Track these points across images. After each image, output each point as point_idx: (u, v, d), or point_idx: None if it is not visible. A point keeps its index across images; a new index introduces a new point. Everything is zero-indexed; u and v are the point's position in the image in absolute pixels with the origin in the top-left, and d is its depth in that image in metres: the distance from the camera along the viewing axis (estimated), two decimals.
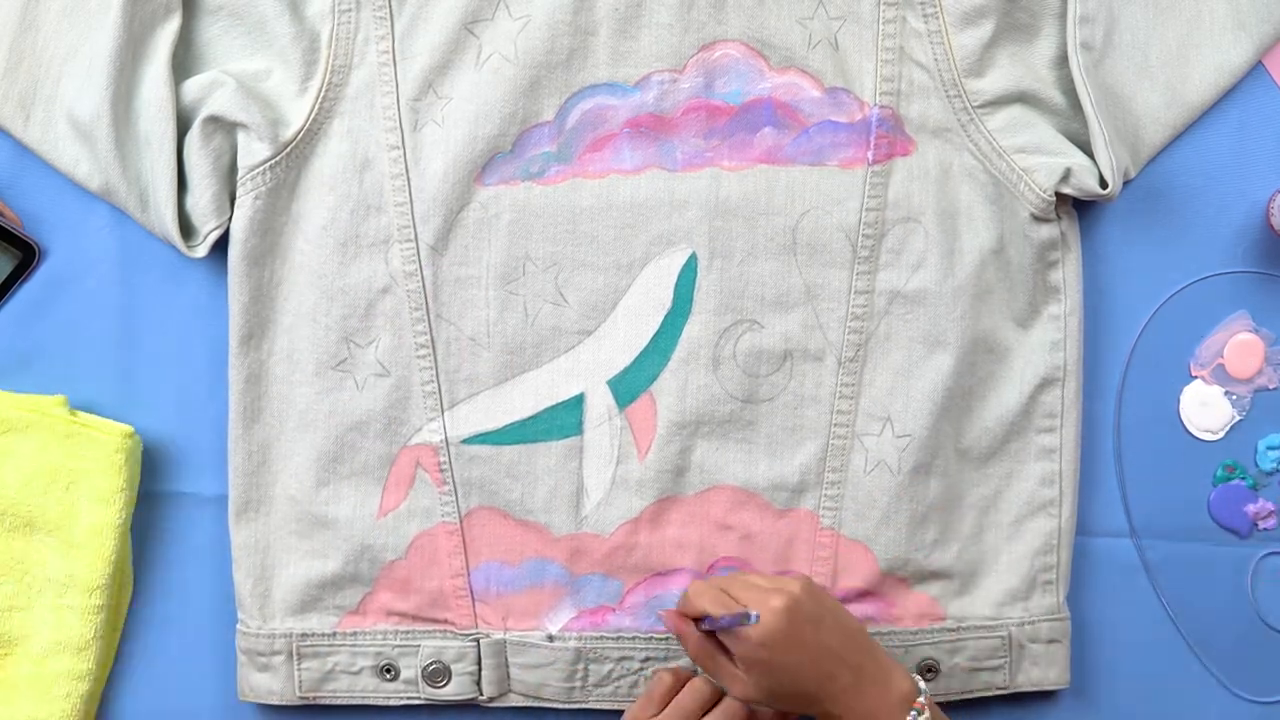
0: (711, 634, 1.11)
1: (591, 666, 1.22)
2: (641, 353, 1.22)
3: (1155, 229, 1.27)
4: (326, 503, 1.22)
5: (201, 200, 1.20)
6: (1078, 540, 1.25)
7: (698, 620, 1.11)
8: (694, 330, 1.21)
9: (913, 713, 1.08)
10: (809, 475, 1.22)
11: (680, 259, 1.21)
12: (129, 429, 1.22)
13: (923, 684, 1.10)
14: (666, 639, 1.22)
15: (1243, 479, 1.27)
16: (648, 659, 1.22)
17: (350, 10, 1.21)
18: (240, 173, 1.21)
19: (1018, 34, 1.21)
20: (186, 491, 1.26)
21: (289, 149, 1.21)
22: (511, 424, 1.22)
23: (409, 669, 1.23)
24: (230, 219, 1.21)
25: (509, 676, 1.23)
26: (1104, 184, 1.20)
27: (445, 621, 1.23)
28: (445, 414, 1.22)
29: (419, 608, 1.23)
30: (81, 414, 1.23)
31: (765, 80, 1.21)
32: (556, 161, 1.22)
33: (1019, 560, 1.23)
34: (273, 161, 1.20)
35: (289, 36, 1.21)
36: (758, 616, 1.05)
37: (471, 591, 1.23)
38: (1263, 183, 1.26)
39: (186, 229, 1.21)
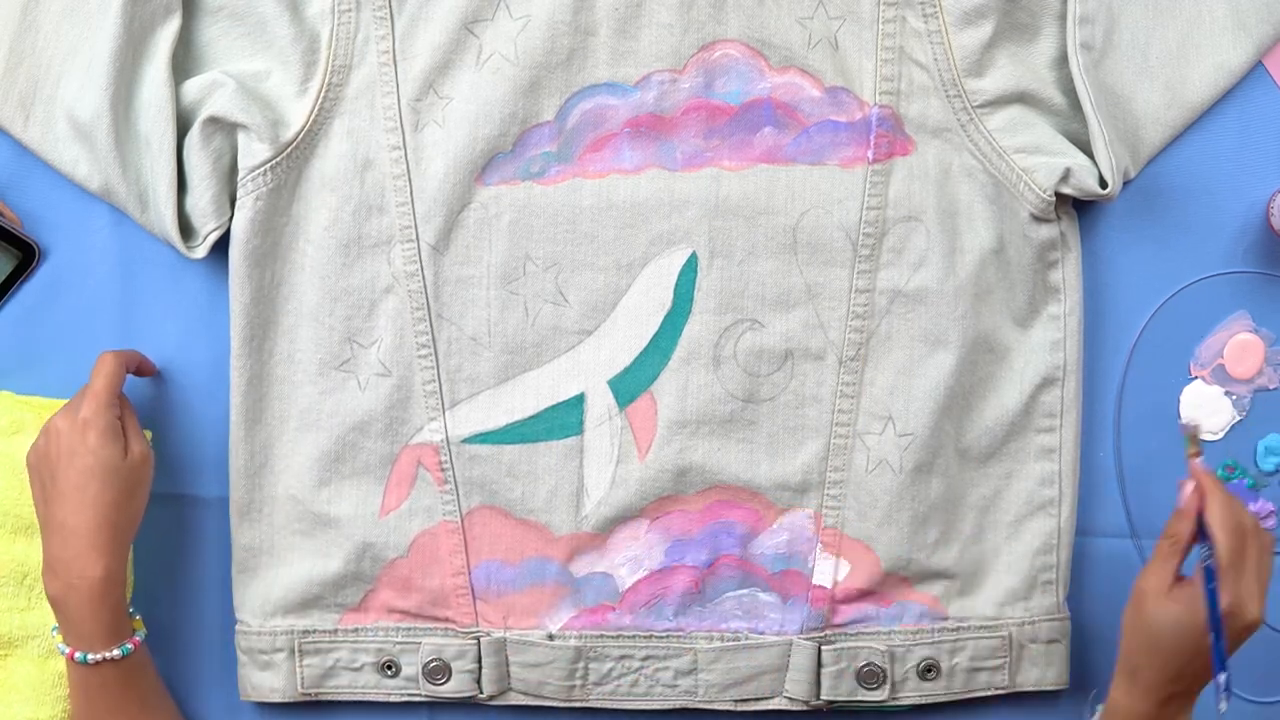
0: (1199, 530, 1.08)
1: (592, 665, 1.22)
2: (642, 352, 1.22)
3: (1155, 229, 1.27)
4: (328, 502, 1.22)
5: (201, 201, 1.20)
6: (1078, 540, 1.25)
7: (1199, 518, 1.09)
8: (694, 330, 1.21)
9: None
10: (811, 475, 1.22)
11: (680, 258, 1.22)
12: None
13: None
14: (666, 637, 1.22)
15: (1243, 479, 1.27)
16: (648, 657, 1.22)
17: (350, 10, 1.21)
18: (241, 174, 1.21)
19: (1018, 34, 1.21)
20: (187, 494, 1.26)
21: (289, 150, 1.21)
22: (512, 423, 1.22)
23: (410, 666, 1.23)
24: (230, 220, 1.21)
25: (509, 675, 1.23)
26: (1104, 184, 1.20)
27: (446, 619, 1.23)
28: (446, 413, 1.22)
29: (420, 605, 1.23)
30: None
31: (765, 80, 1.22)
32: (557, 161, 1.22)
33: (1019, 560, 1.23)
34: (273, 162, 1.20)
35: (289, 37, 1.21)
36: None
37: (472, 590, 1.23)
38: (1263, 183, 1.26)
39: (186, 230, 1.21)
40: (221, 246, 1.22)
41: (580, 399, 1.22)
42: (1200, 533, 1.09)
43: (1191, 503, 1.09)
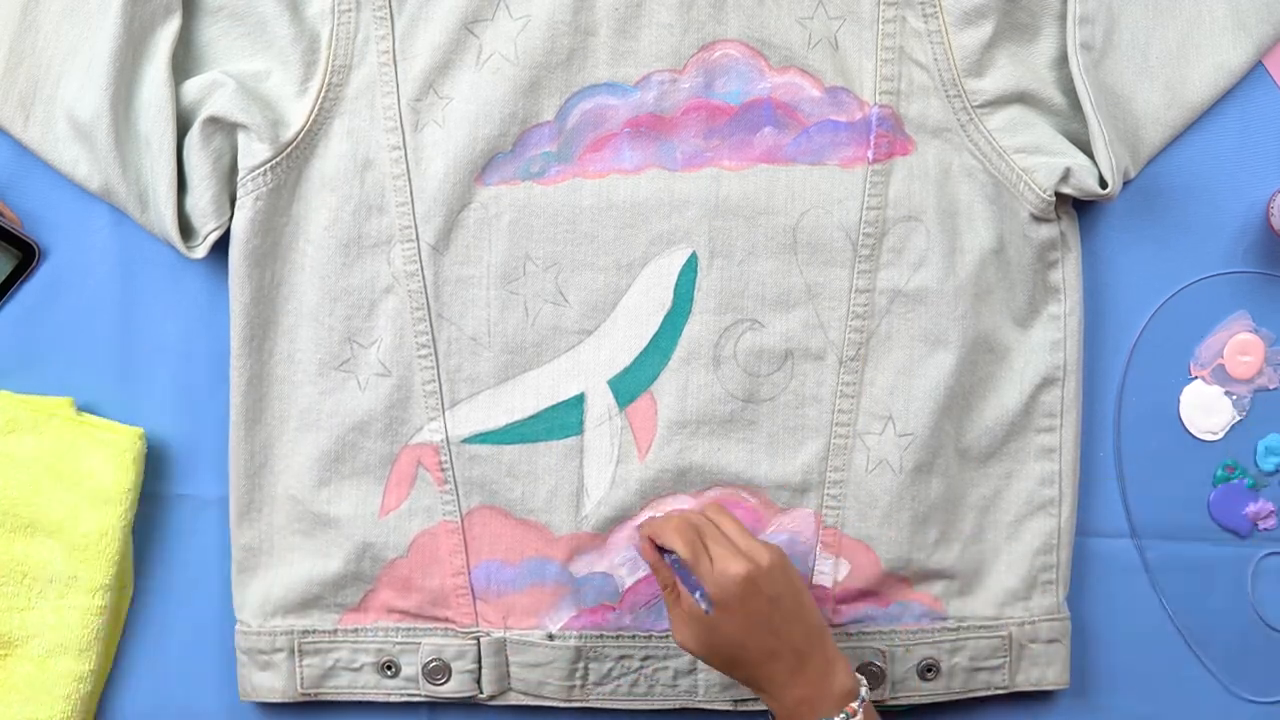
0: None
1: (591, 665, 1.22)
2: (642, 352, 1.22)
3: (1155, 229, 1.27)
4: (328, 502, 1.22)
5: (201, 201, 1.20)
6: (1078, 540, 1.25)
7: (667, 551, 1.12)
8: (694, 330, 1.21)
9: (843, 714, 1.07)
10: (811, 475, 1.22)
11: (680, 258, 1.22)
12: (140, 430, 1.22)
13: (864, 690, 1.09)
14: (666, 637, 1.22)
15: (1243, 479, 1.27)
16: (648, 658, 1.22)
17: (350, 11, 1.21)
18: (241, 174, 1.21)
19: (1018, 34, 1.21)
20: (186, 494, 1.26)
21: (289, 150, 1.21)
22: (512, 423, 1.22)
23: (409, 666, 1.23)
24: (230, 220, 1.21)
25: (509, 675, 1.23)
26: (1104, 184, 1.20)
27: (446, 620, 1.23)
28: (446, 413, 1.22)
29: (420, 605, 1.23)
30: (88, 415, 1.23)
31: (765, 80, 1.22)
32: (557, 161, 1.22)
33: (1019, 560, 1.23)
34: (273, 162, 1.20)
35: (289, 37, 1.21)
36: (710, 608, 1.07)
37: (472, 590, 1.23)
38: (1263, 183, 1.26)
39: (186, 230, 1.21)
40: (221, 246, 1.22)
41: (580, 399, 1.22)
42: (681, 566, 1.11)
43: (647, 550, 1.14)
